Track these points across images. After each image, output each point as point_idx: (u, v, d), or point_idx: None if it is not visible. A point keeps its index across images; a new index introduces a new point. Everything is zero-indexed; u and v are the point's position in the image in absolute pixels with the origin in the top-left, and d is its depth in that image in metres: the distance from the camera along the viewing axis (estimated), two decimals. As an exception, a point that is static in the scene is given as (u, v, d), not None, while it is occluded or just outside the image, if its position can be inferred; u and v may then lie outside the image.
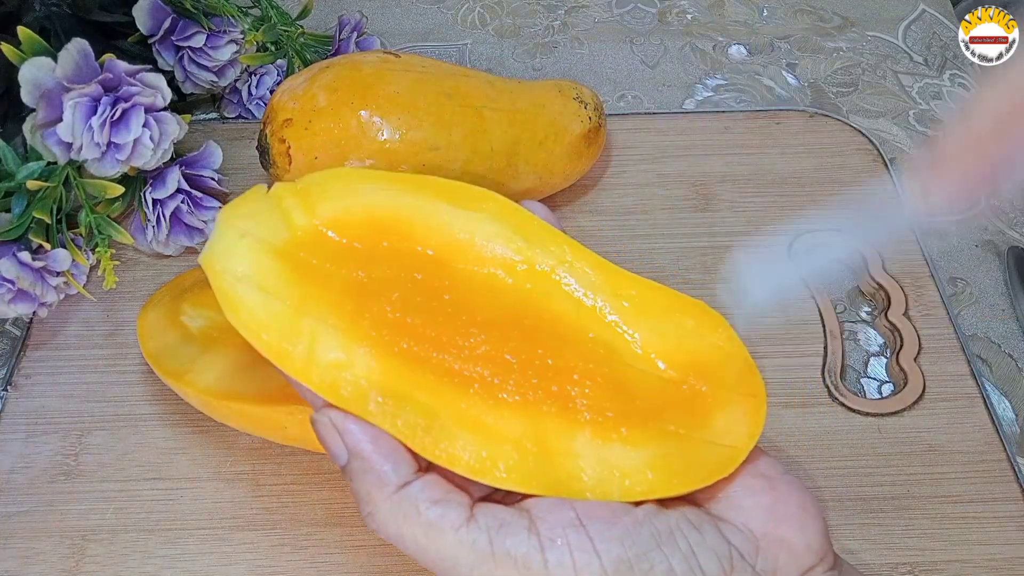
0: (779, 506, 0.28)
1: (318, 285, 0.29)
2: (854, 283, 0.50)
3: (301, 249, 0.29)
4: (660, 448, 0.28)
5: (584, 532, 0.26)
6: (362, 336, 0.28)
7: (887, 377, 0.46)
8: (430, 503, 0.26)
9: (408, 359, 0.28)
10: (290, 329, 0.27)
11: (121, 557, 0.39)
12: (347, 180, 0.31)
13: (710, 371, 0.30)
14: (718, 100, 0.60)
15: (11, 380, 0.45)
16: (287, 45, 0.55)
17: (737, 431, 0.29)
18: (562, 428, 0.28)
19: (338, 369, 0.27)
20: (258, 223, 0.29)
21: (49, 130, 0.42)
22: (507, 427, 0.27)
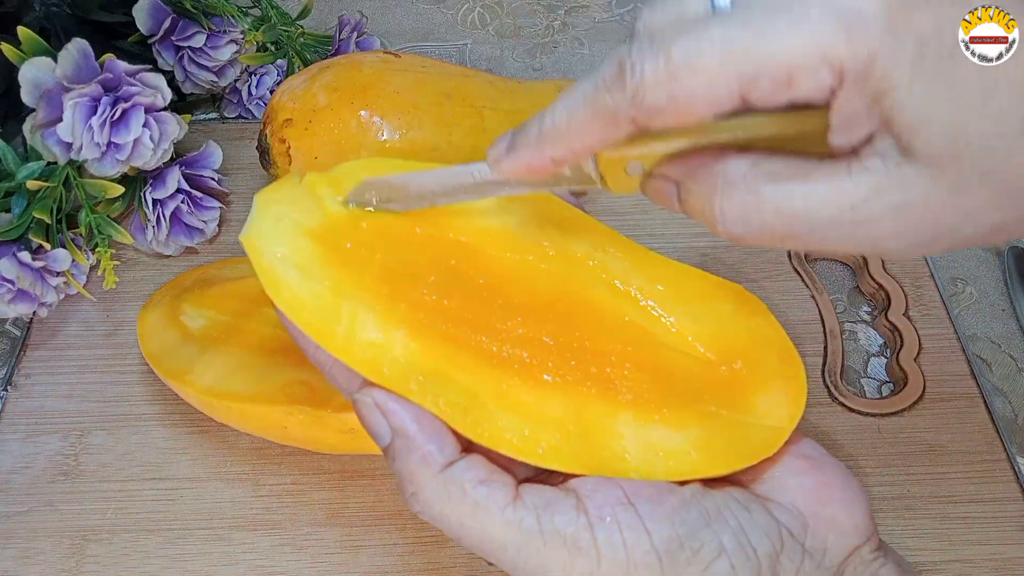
0: (825, 487, 0.28)
1: (354, 268, 0.29)
2: (854, 283, 0.50)
3: (336, 234, 0.29)
4: (702, 429, 0.28)
5: (633, 510, 0.25)
6: (401, 318, 0.28)
7: (887, 377, 0.46)
8: (476, 483, 0.25)
9: (447, 340, 0.28)
10: (330, 309, 0.27)
11: (121, 557, 0.39)
12: (379, 169, 0.31)
13: (749, 353, 0.30)
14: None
15: (11, 380, 0.45)
16: (287, 45, 0.55)
17: (779, 412, 0.29)
18: (603, 409, 0.28)
19: (379, 349, 0.27)
20: (294, 207, 0.30)
21: (49, 130, 0.42)
22: (548, 408, 0.27)
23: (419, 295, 0.29)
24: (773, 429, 0.28)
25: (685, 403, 0.28)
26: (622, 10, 0.67)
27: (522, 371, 0.28)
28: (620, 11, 0.67)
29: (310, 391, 0.37)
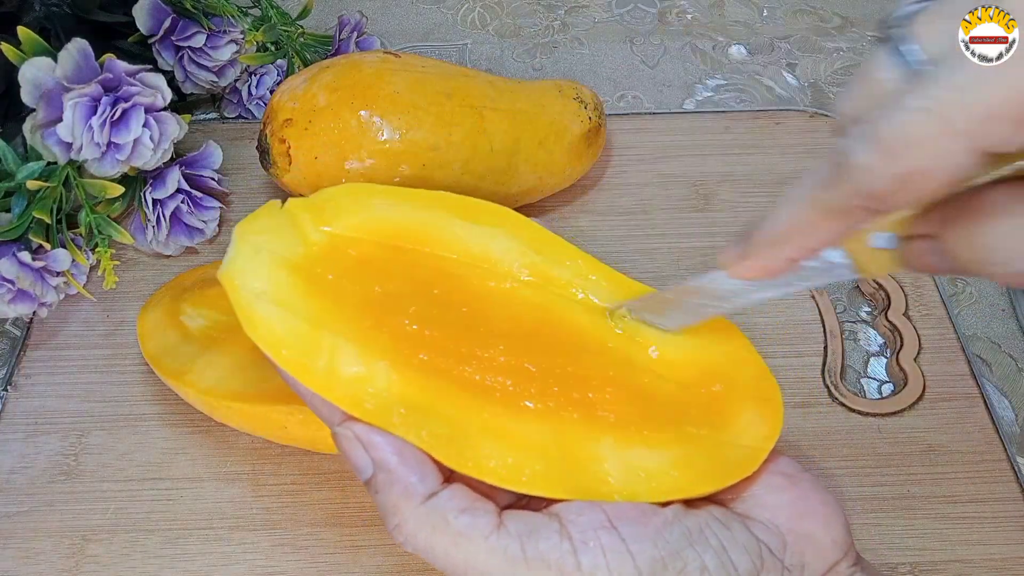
0: (802, 503, 0.28)
1: (335, 299, 0.29)
2: (854, 283, 0.50)
3: (317, 264, 0.29)
4: (683, 449, 0.28)
5: (616, 534, 0.25)
6: (382, 349, 0.28)
7: (887, 377, 0.46)
8: (458, 512, 0.25)
9: (428, 371, 0.28)
10: (309, 344, 0.27)
11: (121, 557, 0.39)
12: (360, 195, 0.31)
13: (727, 376, 0.30)
14: (718, 100, 0.60)
15: (11, 380, 0.45)
16: (287, 45, 0.55)
17: (756, 432, 0.29)
18: (585, 433, 0.28)
19: (360, 383, 0.27)
20: (273, 238, 0.29)
21: (49, 130, 0.42)
22: (531, 434, 0.27)
23: (400, 325, 0.29)
24: (751, 449, 0.29)
25: (665, 425, 0.29)
26: (622, 10, 0.67)
27: (504, 399, 0.28)
28: (620, 11, 0.67)
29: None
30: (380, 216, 0.31)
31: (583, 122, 0.49)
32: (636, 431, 0.28)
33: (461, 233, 0.31)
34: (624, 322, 0.31)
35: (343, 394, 0.27)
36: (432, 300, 0.30)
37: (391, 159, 0.44)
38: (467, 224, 0.31)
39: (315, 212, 0.30)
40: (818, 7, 0.67)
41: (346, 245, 0.30)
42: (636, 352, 0.31)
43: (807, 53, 0.63)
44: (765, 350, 0.45)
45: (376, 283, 0.29)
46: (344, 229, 0.30)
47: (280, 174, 0.46)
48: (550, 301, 0.31)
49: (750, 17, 0.66)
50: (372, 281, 0.29)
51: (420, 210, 0.31)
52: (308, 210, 0.31)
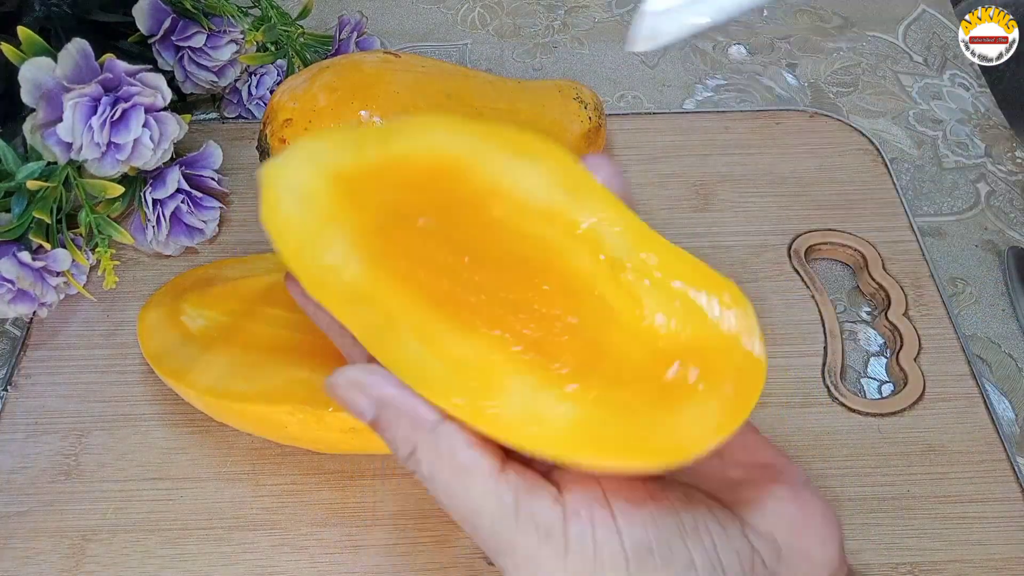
0: (804, 517, 0.28)
1: (357, 208, 0.29)
2: (854, 283, 0.50)
3: (358, 178, 0.30)
4: (601, 414, 0.27)
5: (609, 511, 0.26)
6: (368, 250, 0.29)
7: (887, 377, 0.46)
8: (467, 445, 0.25)
9: (399, 275, 0.28)
10: (312, 238, 0.28)
11: (121, 557, 0.39)
12: (430, 126, 0.32)
13: (710, 362, 0.28)
14: (718, 100, 0.60)
15: (11, 380, 0.45)
16: (287, 45, 0.55)
17: (702, 426, 0.27)
18: (513, 367, 0.27)
19: (331, 271, 0.28)
20: (331, 147, 0.30)
21: (49, 130, 0.42)
22: (462, 351, 0.27)
23: (401, 234, 0.29)
24: (685, 441, 0.26)
25: (604, 385, 0.28)
26: (622, 10, 0.67)
27: (458, 314, 0.28)
28: (620, 11, 0.67)
29: (310, 391, 0.37)
30: (433, 143, 0.31)
31: (583, 122, 0.49)
32: (565, 379, 0.27)
33: (502, 166, 0.31)
34: (628, 279, 0.30)
35: (311, 277, 0.28)
36: (444, 221, 0.30)
37: (391, 159, 0.44)
38: (512, 158, 0.31)
39: (385, 135, 0.31)
40: (818, 7, 0.67)
41: (395, 168, 0.31)
42: (625, 309, 0.29)
43: (807, 53, 0.63)
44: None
45: (401, 196, 0.30)
46: (398, 151, 0.31)
47: (280, 174, 0.46)
48: (556, 239, 0.30)
49: (750, 17, 0.66)
50: (399, 199, 0.30)
51: (475, 140, 0.31)
52: (379, 133, 0.31)
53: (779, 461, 0.29)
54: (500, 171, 0.31)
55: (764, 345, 0.27)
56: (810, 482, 0.29)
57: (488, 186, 0.31)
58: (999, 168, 0.56)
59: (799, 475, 0.29)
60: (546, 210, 0.30)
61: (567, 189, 0.31)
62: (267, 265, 0.44)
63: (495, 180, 0.31)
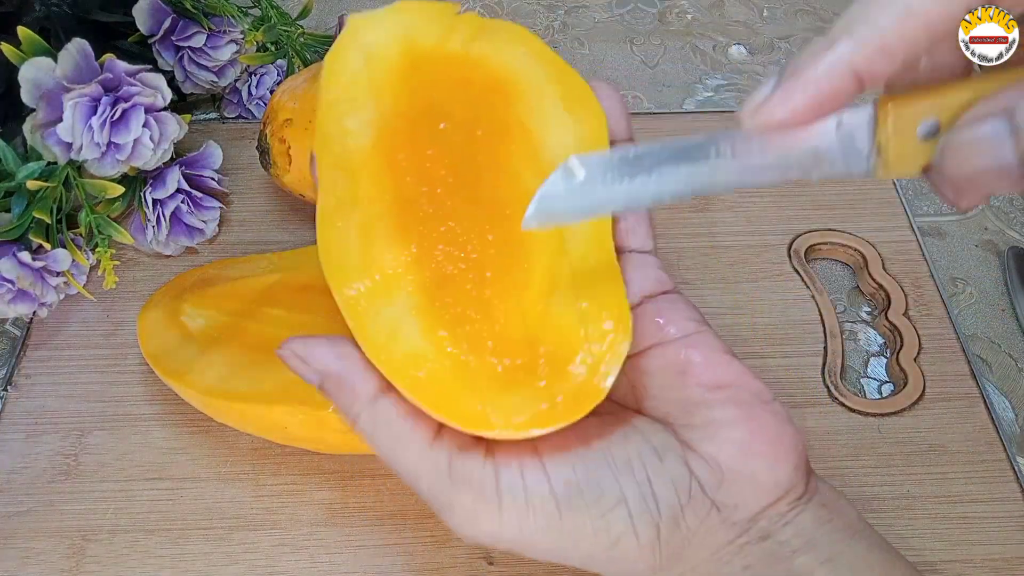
0: (753, 440, 0.27)
1: (405, 86, 0.31)
2: (854, 283, 0.50)
3: (427, 61, 0.31)
4: (446, 364, 0.27)
5: (537, 458, 0.26)
6: (384, 131, 0.30)
7: (887, 377, 0.46)
8: (401, 414, 0.27)
9: (390, 165, 0.30)
10: (349, 95, 0.30)
11: (121, 557, 0.39)
12: (519, 38, 0.32)
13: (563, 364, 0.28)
14: (718, 100, 0.60)
15: (11, 380, 0.45)
16: (287, 45, 0.55)
17: (518, 414, 0.27)
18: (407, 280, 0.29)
19: (343, 133, 0.30)
20: (423, 20, 0.31)
21: (49, 130, 0.42)
22: (381, 250, 0.29)
23: (422, 129, 0.30)
24: (487, 422, 0.27)
25: (466, 341, 0.28)
26: (622, 10, 0.67)
27: (407, 222, 0.29)
28: (620, 11, 0.67)
29: (310, 391, 0.37)
30: (508, 60, 0.32)
31: (583, 122, 0.49)
32: (441, 321, 0.28)
33: (547, 109, 0.31)
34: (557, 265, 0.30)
35: (327, 134, 0.29)
36: (464, 133, 0.31)
37: (391, 159, 0.44)
38: (561, 105, 0.31)
39: (473, 28, 0.32)
40: (818, 7, 0.67)
41: (461, 65, 0.31)
42: (534, 289, 0.29)
43: (807, 53, 0.63)
44: (765, 350, 0.45)
45: (447, 99, 0.31)
46: (475, 50, 0.32)
47: (280, 174, 0.46)
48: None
49: (750, 17, 0.66)
50: (445, 96, 0.31)
51: (543, 74, 0.32)
52: (469, 24, 0.32)
53: (740, 379, 0.28)
54: (544, 115, 0.32)
55: (610, 381, 0.27)
56: (773, 401, 0.28)
57: (524, 125, 0.31)
58: (999, 168, 0.56)
59: (759, 393, 0.28)
60: (549, 167, 0.30)
61: None
62: (267, 265, 0.44)
63: (534, 122, 0.31)
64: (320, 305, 0.41)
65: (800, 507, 0.28)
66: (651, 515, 0.26)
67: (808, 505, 0.28)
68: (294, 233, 0.51)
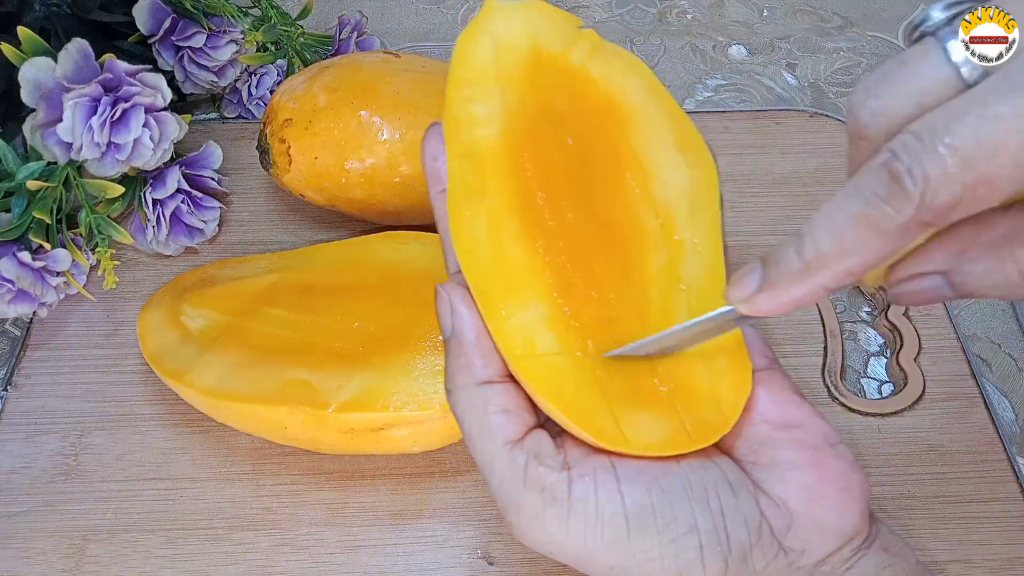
0: (822, 485, 0.27)
1: (530, 85, 0.31)
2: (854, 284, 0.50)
3: (550, 66, 0.31)
4: (574, 372, 0.28)
5: (613, 473, 0.26)
6: (512, 125, 0.30)
7: (887, 377, 0.46)
8: (498, 409, 0.27)
9: (517, 161, 0.30)
10: (479, 81, 0.30)
11: (121, 557, 0.39)
12: (636, 68, 0.33)
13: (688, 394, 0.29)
14: (718, 100, 0.60)
15: (11, 380, 0.45)
16: (287, 45, 0.55)
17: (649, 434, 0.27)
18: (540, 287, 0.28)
19: (471, 119, 0.30)
20: (550, 25, 0.32)
21: (49, 130, 0.42)
22: (511, 248, 0.29)
23: (545, 135, 0.31)
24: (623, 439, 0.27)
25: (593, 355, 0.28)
26: (622, 10, 0.67)
27: (532, 226, 0.29)
28: (620, 11, 0.67)
29: (310, 391, 0.37)
30: (628, 88, 0.32)
31: (583, 122, 0.49)
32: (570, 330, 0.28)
33: (662, 146, 0.32)
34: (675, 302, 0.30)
35: (453, 136, 0.29)
36: (584, 151, 0.31)
37: (391, 159, 0.44)
38: (674, 145, 0.32)
39: (594, 45, 0.32)
40: (818, 7, 0.67)
41: (579, 80, 0.32)
42: (655, 318, 0.30)
43: (807, 53, 0.63)
44: (765, 350, 0.45)
45: (566, 111, 0.31)
46: (596, 72, 0.32)
47: (280, 174, 0.46)
48: (651, 234, 0.31)
49: (750, 17, 0.66)
50: (564, 107, 0.31)
51: (660, 110, 0.32)
52: (589, 39, 0.33)
53: (807, 421, 0.28)
54: (657, 150, 0.32)
55: (737, 413, 0.28)
56: (840, 443, 0.28)
57: (637, 155, 0.32)
58: (999, 168, 0.56)
59: (826, 436, 0.28)
60: (663, 207, 0.31)
61: (693, 205, 0.31)
62: (267, 265, 0.44)
63: (647, 155, 0.32)
64: (320, 305, 0.41)
65: (863, 552, 0.28)
66: (721, 548, 0.26)
67: (870, 550, 0.28)
68: (294, 233, 0.51)
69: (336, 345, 0.39)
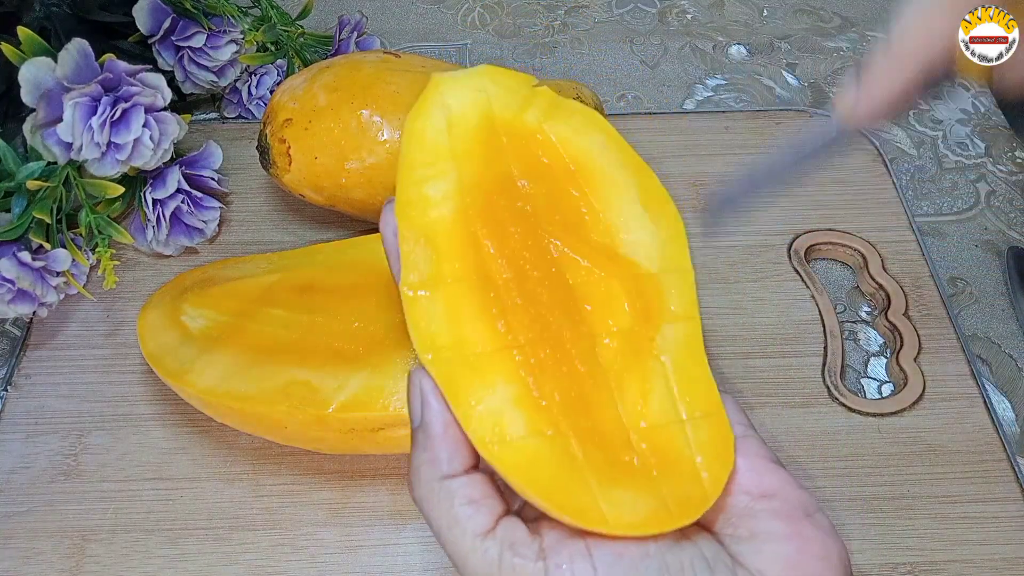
0: (801, 556, 0.27)
1: (484, 157, 0.30)
2: (854, 283, 0.50)
3: (505, 132, 0.31)
4: (552, 455, 0.27)
5: (590, 561, 0.26)
6: (465, 202, 0.29)
7: (887, 377, 0.46)
8: (465, 501, 0.27)
9: (471, 238, 0.29)
10: (430, 161, 0.29)
11: (121, 557, 0.39)
12: (594, 125, 0.32)
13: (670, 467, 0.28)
14: (718, 100, 0.60)
15: (11, 380, 0.45)
16: (287, 45, 0.55)
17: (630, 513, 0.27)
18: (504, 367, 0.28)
19: (424, 202, 0.29)
20: (502, 89, 0.31)
21: (49, 130, 0.42)
22: (471, 327, 0.28)
23: (501, 203, 0.30)
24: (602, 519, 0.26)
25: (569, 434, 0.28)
26: (622, 10, 0.67)
27: (492, 301, 0.28)
28: (620, 11, 0.67)
29: (310, 391, 0.37)
30: (586, 146, 0.31)
31: (583, 122, 0.49)
32: (540, 412, 0.28)
33: (625, 201, 0.31)
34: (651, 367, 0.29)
35: (410, 214, 0.29)
36: (544, 210, 0.30)
37: (391, 159, 0.44)
38: (637, 207, 0.31)
39: (547, 104, 0.32)
40: (818, 7, 0.67)
41: (537, 143, 0.31)
42: (630, 388, 0.29)
43: (807, 53, 0.63)
44: (765, 350, 0.45)
45: (524, 172, 0.31)
46: (552, 132, 0.31)
47: (280, 174, 0.46)
48: (618, 294, 0.30)
49: (750, 17, 0.66)
50: (523, 168, 0.31)
51: (618, 166, 0.32)
52: (544, 98, 0.32)
53: (785, 490, 0.28)
54: (620, 209, 0.31)
55: (719, 488, 0.27)
56: (818, 512, 0.28)
57: (600, 216, 0.31)
58: (999, 168, 0.56)
59: (804, 505, 0.28)
60: (629, 264, 0.30)
61: (663, 266, 0.31)
62: (267, 265, 0.44)
63: (611, 215, 0.31)
64: (320, 305, 0.41)
65: None
66: None
67: None
68: (294, 233, 0.51)
69: (336, 345, 0.39)
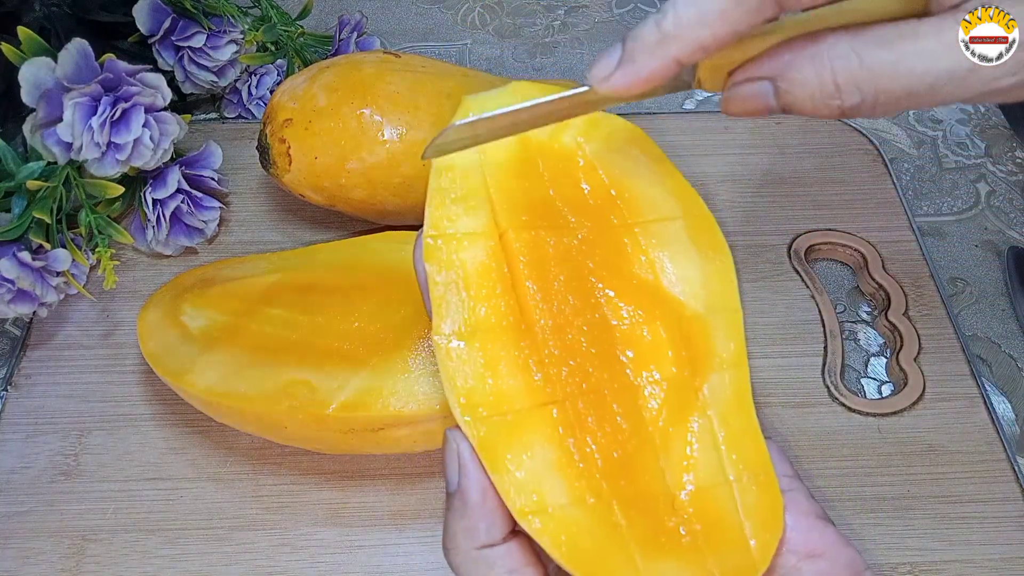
0: None
1: (519, 190, 0.29)
2: (854, 283, 0.50)
3: (542, 156, 0.29)
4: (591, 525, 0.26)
5: None
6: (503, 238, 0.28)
7: (887, 377, 0.46)
8: (505, 571, 0.26)
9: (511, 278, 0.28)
10: (463, 203, 0.28)
11: (121, 557, 0.39)
12: (635, 141, 0.31)
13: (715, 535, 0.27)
14: (717, 100, 0.60)
15: (11, 380, 0.45)
16: (287, 45, 0.55)
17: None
18: (541, 425, 0.27)
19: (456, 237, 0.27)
20: None
21: (49, 130, 0.42)
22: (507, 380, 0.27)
23: (546, 230, 0.29)
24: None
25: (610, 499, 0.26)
26: (622, 10, 0.67)
27: (527, 352, 0.27)
28: (620, 11, 0.67)
29: (310, 391, 0.37)
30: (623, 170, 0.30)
31: (583, 122, 0.49)
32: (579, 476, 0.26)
33: (675, 242, 0.29)
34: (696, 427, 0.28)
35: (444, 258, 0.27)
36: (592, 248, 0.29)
37: (391, 159, 0.44)
38: (690, 241, 0.29)
39: (585, 120, 0.30)
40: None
41: (572, 164, 0.30)
42: (674, 449, 0.28)
43: (807, 53, 0.63)
44: (765, 350, 0.45)
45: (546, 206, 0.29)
46: (590, 148, 0.30)
47: (280, 174, 0.46)
48: (663, 345, 0.28)
49: (750, 17, 0.66)
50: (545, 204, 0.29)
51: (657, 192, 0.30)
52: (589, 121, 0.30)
53: (832, 550, 0.27)
54: (664, 235, 0.29)
55: (769, 558, 0.26)
56: (866, 571, 0.27)
57: (645, 243, 0.29)
58: (999, 168, 0.56)
59: (852, 564, 0.27)
60: (675, 303, 0.29)
61: (710, 305, 0.29)
62: (267, 265, 0.44)
63: (655, 244, 0.29)
64: (320, 305, 0.41)
65: None
66: None
67: None
68: (294, 233, 0.51)
69: (336, 345, 0.39)
